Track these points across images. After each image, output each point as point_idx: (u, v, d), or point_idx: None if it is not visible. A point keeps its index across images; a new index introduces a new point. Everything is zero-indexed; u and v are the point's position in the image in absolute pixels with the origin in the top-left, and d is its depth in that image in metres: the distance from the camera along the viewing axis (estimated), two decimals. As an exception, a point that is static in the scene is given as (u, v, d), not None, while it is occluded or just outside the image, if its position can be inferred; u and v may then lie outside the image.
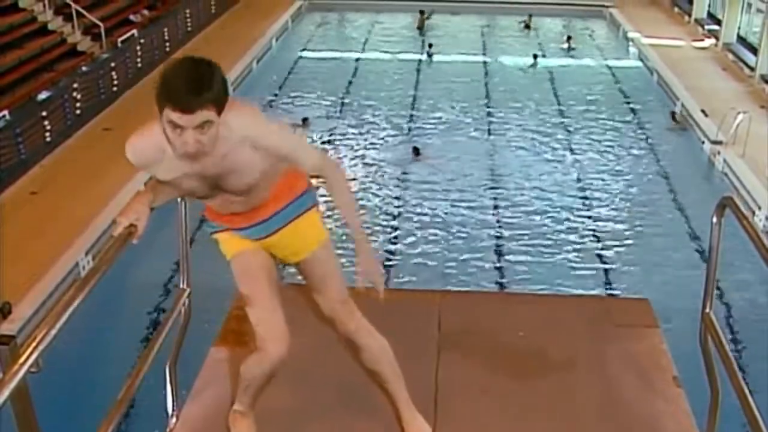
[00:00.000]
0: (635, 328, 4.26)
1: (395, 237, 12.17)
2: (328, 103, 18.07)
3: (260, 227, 3.15)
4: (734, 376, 3.05)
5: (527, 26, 25.36)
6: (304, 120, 16.43)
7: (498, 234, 12.33)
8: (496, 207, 13.25)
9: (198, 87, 2.61)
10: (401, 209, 13.03)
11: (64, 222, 11.18)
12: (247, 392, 3.36)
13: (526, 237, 12.15)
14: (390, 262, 11.34)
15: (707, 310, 3.41)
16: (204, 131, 2.66)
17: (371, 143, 15.94)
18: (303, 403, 3.69)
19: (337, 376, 3.73)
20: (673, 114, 17.21)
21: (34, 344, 2.17)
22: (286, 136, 3.12)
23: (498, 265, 11.37)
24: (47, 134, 13.77)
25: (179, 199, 3.36)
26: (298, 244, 3.23)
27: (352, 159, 15.14)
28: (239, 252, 3.19)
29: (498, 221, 12.79)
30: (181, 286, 3.54)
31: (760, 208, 12.31)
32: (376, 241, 11.61)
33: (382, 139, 16.21)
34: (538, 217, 12.82)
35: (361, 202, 12.77)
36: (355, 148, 15.70)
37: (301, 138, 2.83)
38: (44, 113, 13.79)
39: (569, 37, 23.44)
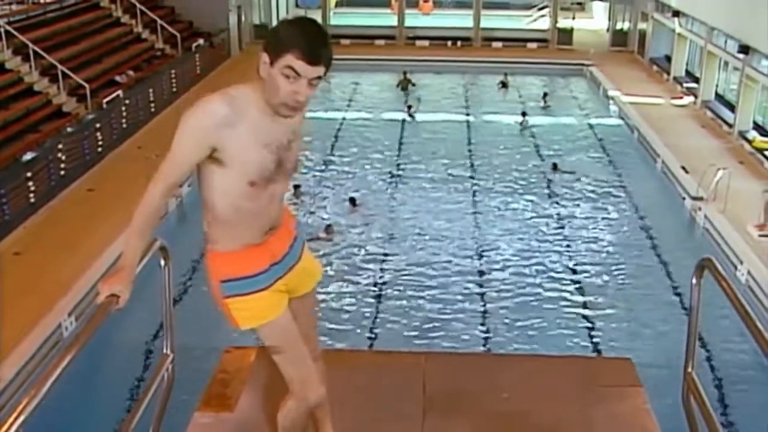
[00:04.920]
0: (619, 388, 4.26)
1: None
2: (311, 163, 18.18)
3: (293, 251, 3.19)
4: (717, 435, 3.06)
5: (504, 85, 25.70)
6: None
7: (482, 291, 12.37)
8: (480, 268, 13.35)
9: (326, 42, 2.75)
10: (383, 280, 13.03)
11: (47, 283, 11.12)
12: None
13: (509, 294, 12.17)
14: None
15: (689, 369, 3.42)
16: (313, 87, 2.78)
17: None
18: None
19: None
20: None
21: (14, 415, 2.15)
22: None
23: (481, 327, 11.36)
24: (31, 195, 13.77)
25: (162, 264, 3.35)
26: (312, 270, 3.34)
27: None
28: (276, 318, 3.14)
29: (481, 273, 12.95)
30: (164, 351, 3.52)
31: (741, 262, 12.40)
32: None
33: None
34: (520, 275, 12.87)
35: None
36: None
37: None
38: (29, 174, 13.81)
39: (545, 95, 23.85)
